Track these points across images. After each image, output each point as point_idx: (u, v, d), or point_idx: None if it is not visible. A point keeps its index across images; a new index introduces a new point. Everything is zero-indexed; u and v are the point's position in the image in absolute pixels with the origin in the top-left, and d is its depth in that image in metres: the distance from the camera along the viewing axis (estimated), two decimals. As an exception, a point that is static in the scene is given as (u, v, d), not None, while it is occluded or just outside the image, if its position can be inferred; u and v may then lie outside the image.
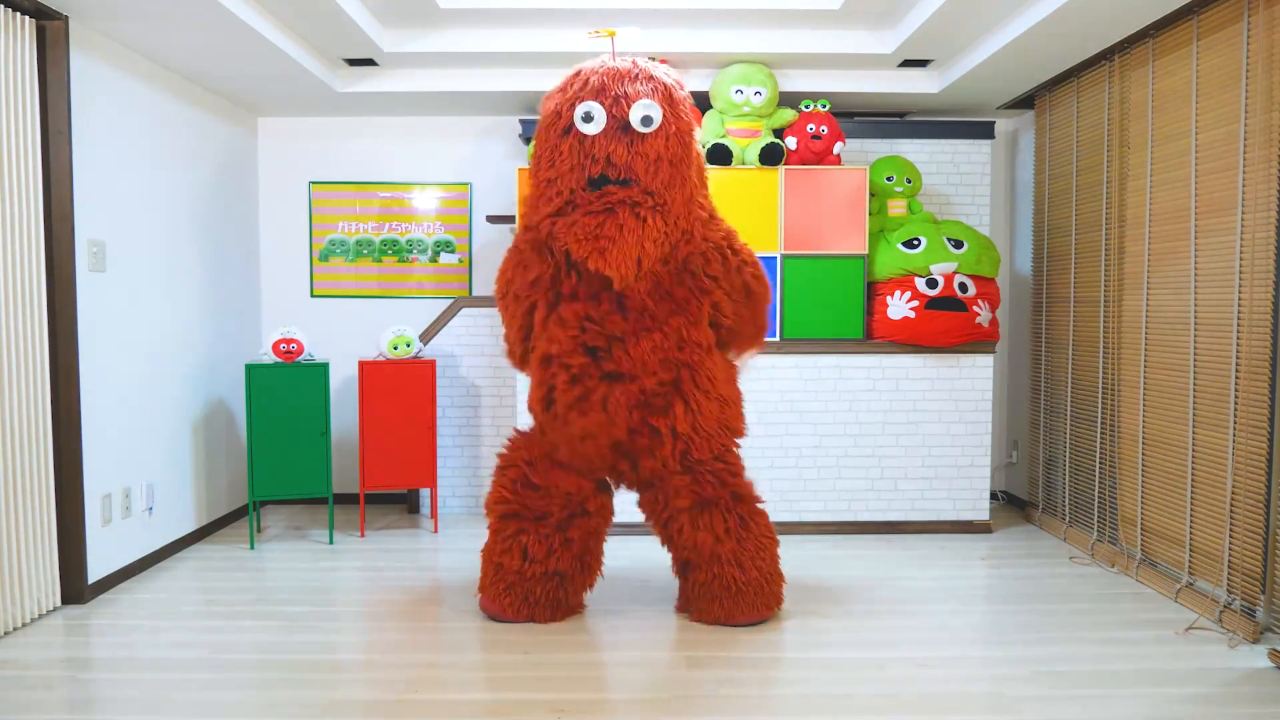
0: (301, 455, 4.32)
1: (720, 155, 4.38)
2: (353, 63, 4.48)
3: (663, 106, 2.91)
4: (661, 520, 3.22)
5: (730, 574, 3.15)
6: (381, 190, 5.21)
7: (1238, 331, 3.23)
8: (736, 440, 3.29)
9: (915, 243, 4.35)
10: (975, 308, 4.33)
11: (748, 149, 4.46)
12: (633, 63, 2.98)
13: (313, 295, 5.25)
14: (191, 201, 4.42)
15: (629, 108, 2.87)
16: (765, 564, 3.21)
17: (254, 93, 4.64)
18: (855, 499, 4.51)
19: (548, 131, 2.97)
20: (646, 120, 2.86)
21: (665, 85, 2.96)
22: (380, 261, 5.23)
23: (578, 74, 2.98)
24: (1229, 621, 3.18)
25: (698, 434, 3.12)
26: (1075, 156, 4.42)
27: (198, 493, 4.44)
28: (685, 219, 3.01)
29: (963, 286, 4.33)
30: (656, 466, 3.12)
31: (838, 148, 4.51)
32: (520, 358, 3.27)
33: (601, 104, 2.87)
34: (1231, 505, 3.25)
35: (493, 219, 4.89)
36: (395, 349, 4.54)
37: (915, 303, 4.31)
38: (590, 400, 3.03)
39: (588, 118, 2.86)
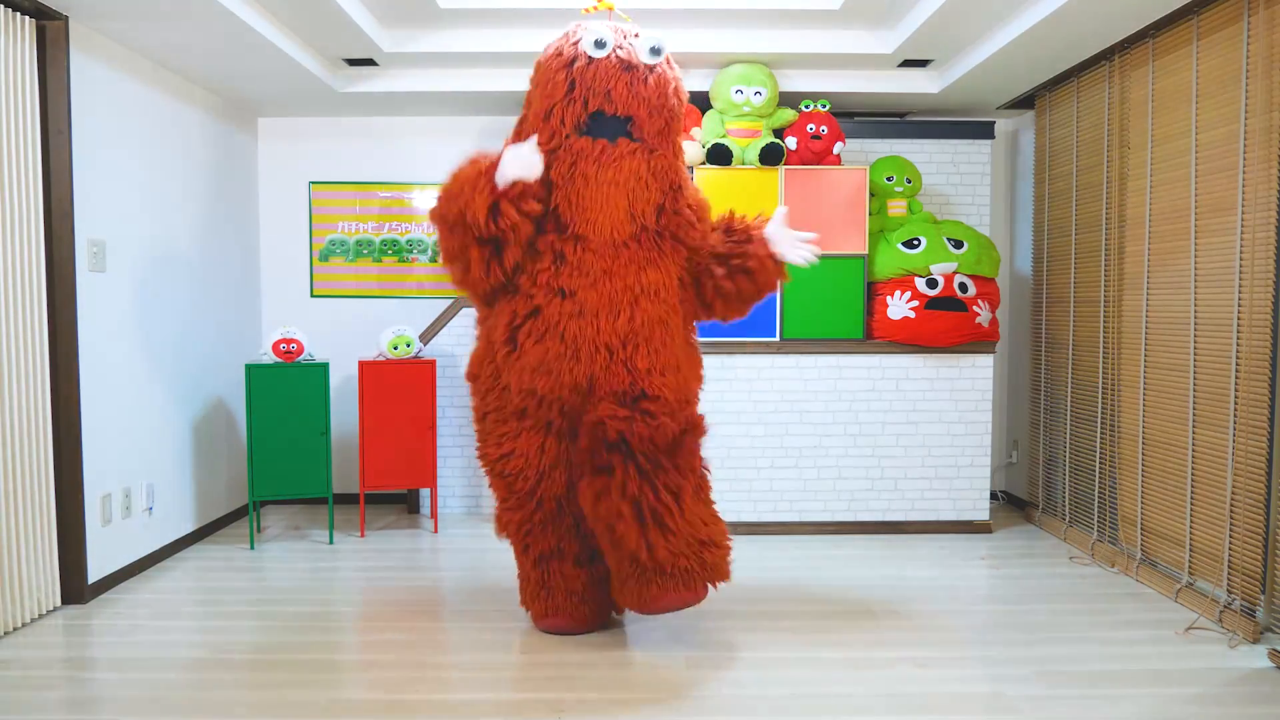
0: (301, 455, 4.31)
1: (720, 155, 4.38)
2: (353, 63, 4.48)
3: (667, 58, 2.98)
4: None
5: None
6: (381, 190, 5.21)
7: (1238, 331, 3.23)
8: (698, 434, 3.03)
9: (915, 243, 4.35)
10: (975, 308, 4.33)
11: (748, 149, 4.46)
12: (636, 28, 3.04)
13: (313, 295, 5.25)
14: (191, 201, 4.42)
15: (637, 41, 2.92)
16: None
17: (254, 93, 4.64)
18: (855, 499, 4.51)
19: (547, 68, 2.93)
20: (656, 50, 2.91)
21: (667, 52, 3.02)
22: (380, 261, 5.23)
23: (577, 26, 2.99)
24: (1229, 621, 3.18)
25: (655, 375, 2.89)
26: (1075, 156, 4.42)
27: (198, 493, 4.44)
28: (672, 173, 3.00)
29: (963, 286, 4.33)
30: (605, 412, 2.86)
31: (838, 148, 4.51)
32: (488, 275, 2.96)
33: (611, 33, 2.92)
34: (1231, 505, 3.25)
35: (493, 219, 4.88)
36: (395, 349, 4.54)
37: (915, 303, 4.31)
38: (551, 332, 2.87)
39: (600, 44, 2.87)
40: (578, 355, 2.85)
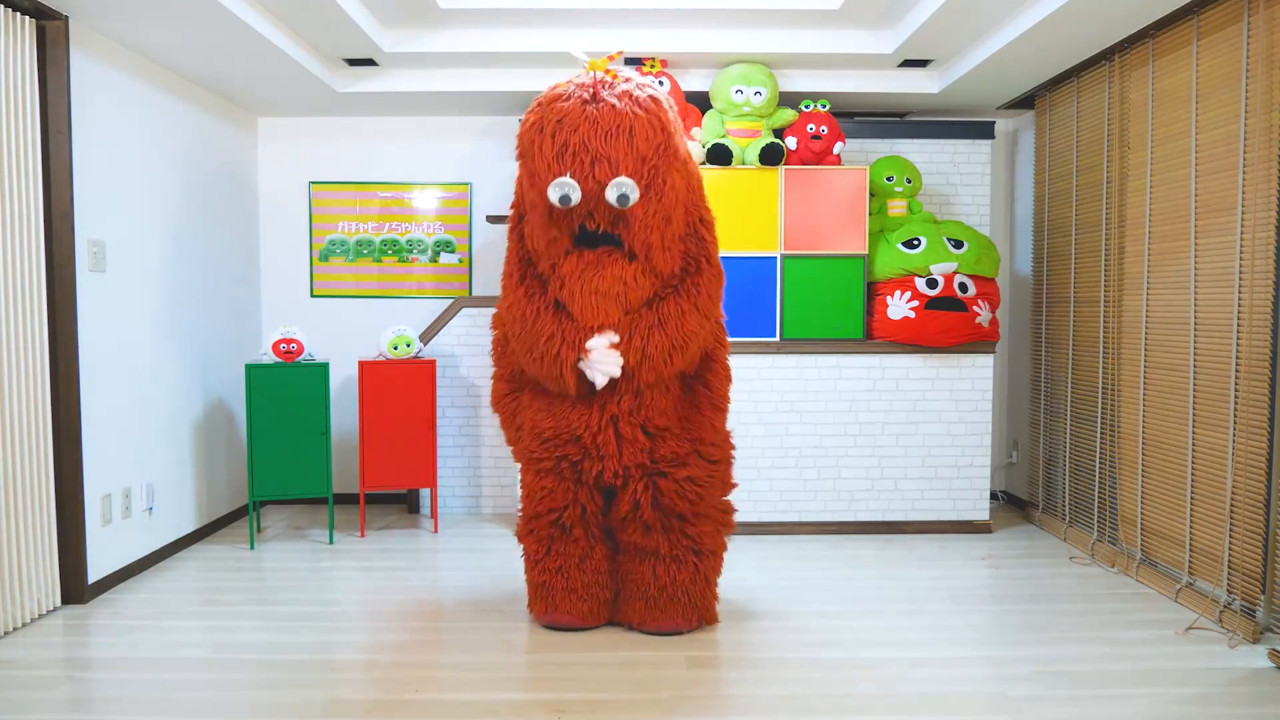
0: (301, 455, 4.31)
1: (720, 155, 4.38)
2: (353, 63, 4.48)
3: (640, 176, 2.77)
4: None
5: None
6: (381, 190, 5.21)
7: (1238, 331, 3.23)
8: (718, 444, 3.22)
9: (915, 243, 4.35)
10: (975, 308, 4.33)
11: (748, 149, 4.46)
12: (610, 109, 2.76)
13: (313, 295, 5.25)
14: (191, 201, 4.42)
15: (607, 179, 2.75)
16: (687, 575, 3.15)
17: (254, 93, 4.64)
18: (855, 499, 4.51)
19: (532, 178, 2.85)
20: (623, 200, 2.75)
21: (647, 138, 2.77)
22: (380, 261, 5.23)
23: (558, 122, 2.77)
24: (1229, 621, 3.18)
25: (667, 431, 3.09)
26: (1075, 156, 4.42)
27: (198, 493, 4.44)
28: (669, 265, 2.98)
29: (963, 286, 4.33)
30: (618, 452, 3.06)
31: (838, 148, 4.51)
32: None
33: (576, 180, 2.74)
34: (1231, 505, 3.25)
35: (493, 219, 4.89)
36: (395, 349, 4.54)
37: (915, 303, 4.31)
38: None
39: (564, 200, 2.74)
40: (575, 407, 3.06)
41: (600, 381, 2.96)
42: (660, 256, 2.93)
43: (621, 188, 2.75)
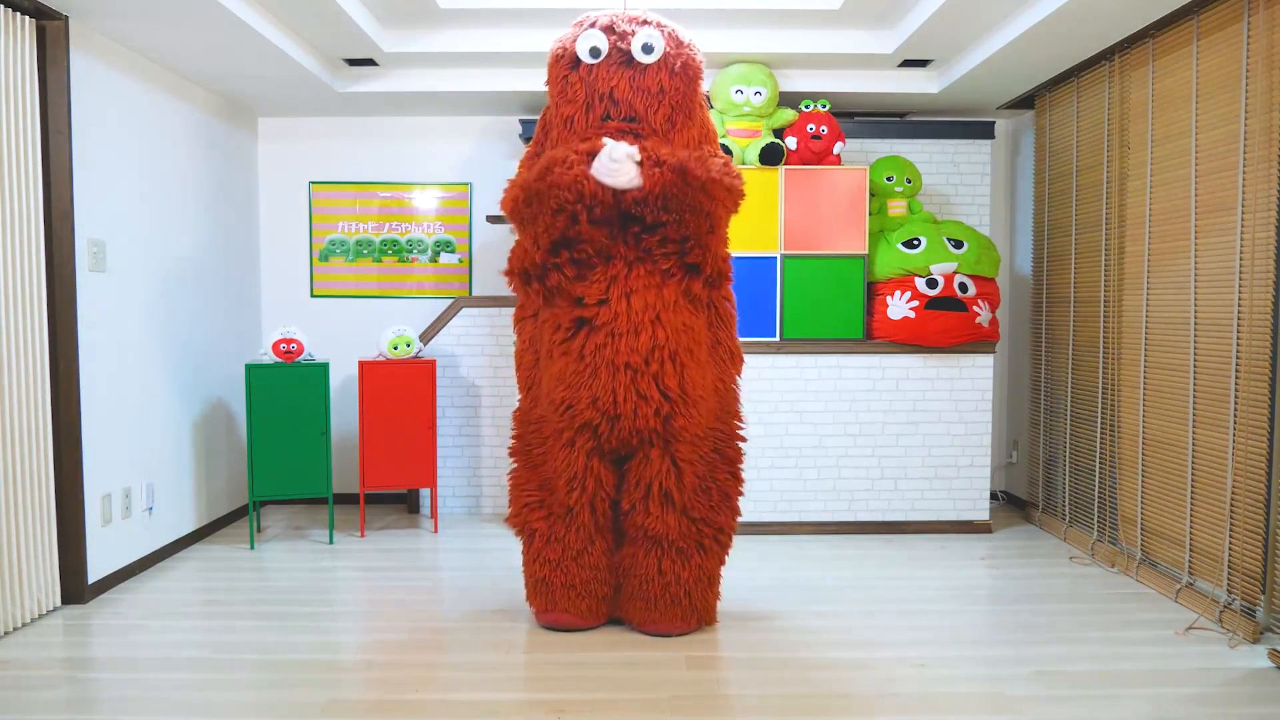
0: (301, 455, 4.32)
1: (720, 155, 4.38)
2: (353, 63, 4.48)
3: (667, 44, 2.96)
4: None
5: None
6: (381, 190, 5.21)
7: (1238, 332, 3.23)
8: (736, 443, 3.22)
9: (915, 243, 4.35)
10: (975, 308, 4.33)
11: (748, 149, 4.46)
12: (638, 14, 3.03)
13: (313, 295, 5.25)
14: (191, 201, 4.42)
15: (631, 40, 2.94)
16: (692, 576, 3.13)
17: (254, 93, 4.64)
18: (855, 499, 4.51)
19: (556, 67, 3.04)
20: (648, 48, 2.92)
21: (671, 30, 3.02)
22: (380, 261, 5.23)
23: (584, 18, 3.04)
24: (1229, 621, 3.18)
25: (687, 400, 3.01)
26: (1075, 156, 4.42)
27: (198, 493, 4.44)
28: (684, 146, 3.00)
29: (963, 286, 4.33)
30: (639, 426, 2.99)
31: (838, 148, 4.51)
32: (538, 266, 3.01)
33: (605, 35, 2.95)
34: (1231, 505, 3.25)
35: (493, 219, 4.89)
36: (395, 349, 4.54)
37: (915, 303, 4.31)
38: (572, 345, 2.99)
39: (594, 52, 2.94)
40: (596, 373, 2.96)
41: (618, 172, 2.79)
42: (679, 137, 2.99)
43: (648, 36, 2.93)
